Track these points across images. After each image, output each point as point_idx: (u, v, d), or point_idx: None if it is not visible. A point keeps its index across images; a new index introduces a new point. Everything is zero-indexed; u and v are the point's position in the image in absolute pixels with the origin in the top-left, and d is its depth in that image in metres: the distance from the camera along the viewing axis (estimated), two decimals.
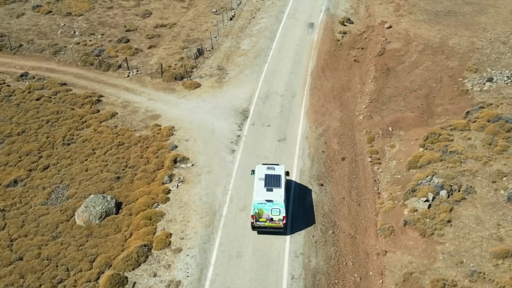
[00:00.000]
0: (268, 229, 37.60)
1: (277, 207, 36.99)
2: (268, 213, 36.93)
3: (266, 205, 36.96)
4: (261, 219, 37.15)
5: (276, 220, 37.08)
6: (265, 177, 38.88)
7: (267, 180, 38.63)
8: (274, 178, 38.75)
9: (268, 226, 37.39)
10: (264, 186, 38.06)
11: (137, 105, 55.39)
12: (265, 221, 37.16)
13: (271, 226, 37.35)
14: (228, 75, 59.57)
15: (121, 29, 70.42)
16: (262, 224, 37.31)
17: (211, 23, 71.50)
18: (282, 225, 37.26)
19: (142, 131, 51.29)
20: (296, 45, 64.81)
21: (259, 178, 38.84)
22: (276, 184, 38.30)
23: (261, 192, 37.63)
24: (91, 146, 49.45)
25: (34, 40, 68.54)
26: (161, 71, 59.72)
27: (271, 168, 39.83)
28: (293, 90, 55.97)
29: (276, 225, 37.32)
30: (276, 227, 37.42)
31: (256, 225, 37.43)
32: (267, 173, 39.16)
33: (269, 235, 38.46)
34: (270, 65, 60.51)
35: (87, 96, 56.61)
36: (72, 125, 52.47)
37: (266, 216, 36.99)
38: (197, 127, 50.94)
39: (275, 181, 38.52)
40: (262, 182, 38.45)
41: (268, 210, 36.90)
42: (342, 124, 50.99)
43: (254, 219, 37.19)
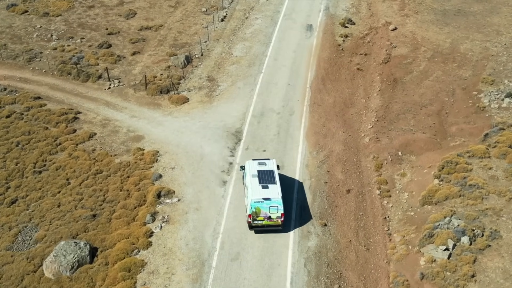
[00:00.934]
0: (266, 227, 36.53)
1: (275, 205, 35.81)
2: (266, 212, 35.85)
3: (263, 203, 35.72)
4: (259, 218, 35.99)
5: (274, 218, 36.10)
6: (258, 173, 37.62)
7: (260, 176, 37.43)
8: (268, 174, 37.65)
9: (266, 225, 36.41)
10: (259, 184, 36.77)
11: (118, 123, 49.83)
12: (263, 219, 36.12)
13: (269, 224, 36.37)
14: (219, 87, 53.97)
15: (103, 32, 64.54)
16: (259, 223, 36.22)
17: (201, 25, 65.69)
18: (280, 223, 36.34)
19: (123, 156, 45.81)
20: (293, 51, 59.17)
21: (252, 175, 37.49)
22: (271, 181, 37.14)
23: (257, 190, 36.33)
24: (65, 175, 43.98)
25: (7, 44, 62.67)
26: (145, 83, 54.06)
27: (263, 163, 38.67)
28: (291, 106, 50.48)
29: (274, 223, 36.35)
30: (274, 225, 36.42)
31: (254, 224, 36.26)
32: (260, 169, 37.93)
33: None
34: (265, 76, 54.93)
35: (63, 113, 50.98)
36: (44, 148, 46.93)
37: (264, 215, 35.92)
38: (184, 152, 45.49)
39: (269, 177, 37.40)
40: (256, 180, 37.12)
41: (265, 209, 35.78)
42: (346, 148, 45.64)
43: (252, 218, 36.02)
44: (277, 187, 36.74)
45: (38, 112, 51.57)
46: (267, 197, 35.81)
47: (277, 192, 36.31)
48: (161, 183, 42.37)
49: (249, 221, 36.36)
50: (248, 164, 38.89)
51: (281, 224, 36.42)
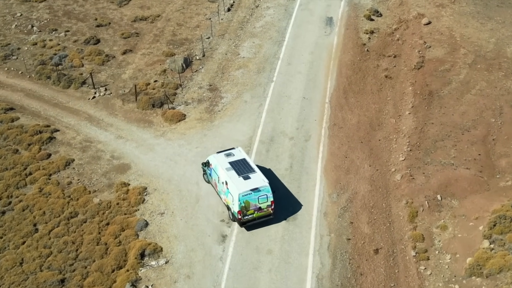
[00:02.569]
0: (257, 219, 34.14)
1: (263, 194, 33.74)
2: (256, 203, 33.65)
3: (251, 195, 33.48)
4: (249, 212, 33.74)
5: (264, 208, 33.97)
6: (232, 165, 35.11)
7: (236, 168, 34.97)
8: (242, 164, 35.32)
9: (256, 217, 34.13)
10: (238, 176, 34.28)
11: (101, 146, 41.84)
12: (253, 212, 33.89)
13: (260, 215, 34.16)
14: (222, 100, 45.62)
15: (91, 23, 56.01)
16: (250, 217, 33.92)
17: (204, 16, 56.89)
18: (271, 211, 34.31)
19: (103, 192, 38.00)
20: (310, 53, 50.44)
21: (226, 169, 34.82)
22: (249, 170, 34.87)
23: (239, 183, 33.77)
24: (32, 218, 36.37)
25: None
26: (135, 95, 45.74)
27: (230, 154, 36.28)
28: (307, 128, 42.19)
29: (265, 213, 34.23)
30: (265, 215, 34.29)
31: (245, 219, 33.81)
32: (231, 161, 35.43)
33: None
34: (276, 86, 46.45)
35: (37, 131, 43.06)
36: (11, 180, 39.21)
37: (254, 207, 33.70)
38: (177, 190, 37.60)
39: (245, 167, 35.13)
40: (233, 172, 34.52)
41: (255, 200, 33.61)
42: (373, 188, 37.50)
43: (242, 214, 33.55)
44: (258, 174, 34.49)
45: (9, 129, 43.66)
46: (254, 187, 33.44)
47: (261, 179, 34.08)
48: (147, 235, 34.60)
49: (239, 217, 33.58)
50: (214, 158, 35.94)
51: (272, 212, 34.30)
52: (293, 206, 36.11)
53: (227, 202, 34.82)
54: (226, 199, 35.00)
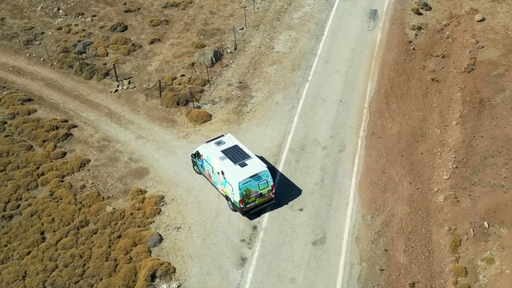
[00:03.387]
0: (259, 206, 33.05)
1: (263, 179, 32.66)
2: (256, 190, 32.53)
3: (251, 182, 32.31)
4: (251, 199, 32.57)
5: (265, 194, 32.89)
6: (225, 153, 33.78)
7: (230, 156, 33.62)
8: (235, 151, 34.03)
9: (258, 204, 33.00)
10: (234, 164, 32.98)
11: (120, 146, 38.99)
12: (255, 199, 32.73)
13: (262, 202, 33.06)
14: (252, 99, 42.20)
15: (119, 8, 52.96)
16: (252, 204, 32.73)
17: (239, 3, 53.24)
18: (272, 196, 33.28)
19: (118, 200, 35.20)
20: (351, 50, 46.46)
21: (219, 158, 33.44)
22: (243, 156, 33.61)
23: (237, 171, 32.56)
24: (40, 225, 33.84)
25: (5, 19, 51.96)
26: (160, 90, 42.61)
27: (220, 142, 34.88)
28: (342, 137, 38.50)
29: (266, 199, 33.14)
30: (267, 200, 33.24)
31: (247, 208, 32.60)
32: (223, 149, 34.17)
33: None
34: (311, 87, 42.76)
35: (54, 127, 40.43)
36: (22, 180, 36.70)
37: (255, 194, 32.57)
38: (196, 202, 34.54)
39: (239, 154, 33.84)
40: (228, 161, 33.20)
41: (255, 187, 32.48)
42: (413, 210, 33.78)
43: (244, 203, 32.32)
44: (254, 159, 33.34)
45: (24, 122, 41.11)
46: (253, 174, 32.25)
47: (259, 164, 32.97)
48: (160, 253, 31.68)
49: (241, 207, 32.32)
50: (205, 148, 34.51)
51: (274, 197, 33.30)
52: (322, 227, 32.56)
53: (226, 192, 33.40)
54: (224, 189, 33.51)
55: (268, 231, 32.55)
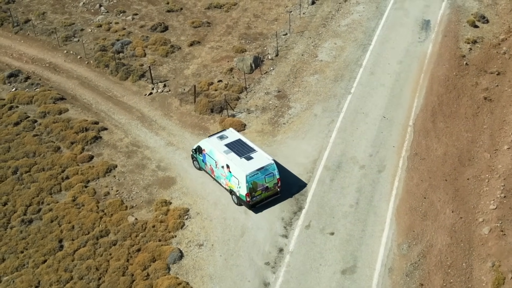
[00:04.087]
0: (264, 200, 32.70)
1: (270, 172, 32.32)
2: (263, 183, 32.19)
3: (258, 175, 31.96)
4: (257, 193, 32.26)
5: (271, 187, 32.61)
6: (229, 147, 33.40)
7: (234, 150, 33.23)
8: (239, 145, 33.68)
9: (264, 197, 32.68)
10: (240, 158, 32.56)
11: (149, 153, 37.47)
12: (261, 193, 32.43)
13: (268, 195, 32.76)
14: (289, 110, 40.10)
15: (162, 8, 51.56)
16: (258, 198, 32.44)
17: (285, 8, 51.15)
18: (278, 189, 32.99)
19: (141, 210, 33.64)
20: (398, 62, 43.83)
21: (224, 152, 33.06)
22: (248, 150, 33.24)
23: (243, 165, 32.13)
24: (59, 232, 32.58)
25: (46, 14, 51.21)
26: (194, 96, 40.92)
27: (223, 137, 34.43)
28: (382, 156, 36.00)
29: (272, 192, 32.88)
30: (272, 194, 32.95)
31: (253, 201, 32.27)
32: (227, 143, 33.74)
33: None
34: (354, 99, 40.38)
35: (83, 129, 39.27)
36: (46, 183, 35.55)
37: (261, 187, 32.25)
38: (221, 218, 32.68)
39: (244, 148, 33.45)
40: (232, 154, 32.83)
41: (261, 180, 32.13)
42: (454, 242, 31.10)
43: (250, 196, 31.96)
44: (260, 152, 33.05)
45: (54, 122, 40.05)
46: (260, 166, 31.91)
47: (265, 157, 32.65)
48: (179, 271, 29.97)
49: (248, 200, 31.94)
50: (207, 142, 34.00)
51: (279, 190, 32.96)
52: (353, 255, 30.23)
53: (230, 186, 32.96)
54: (228, 184, 33.12)
55: (295, 255, 30.43)
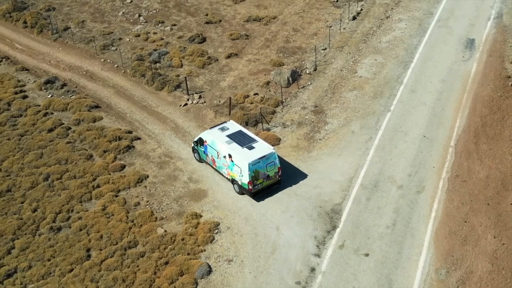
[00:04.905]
0: (266, 189, 33.57)
1: (271, 161, 33.17)
2: (264, 172, 33.04)
3: (260, 163, 32.80)
4: (258, 181, 33.07)
5: (272, 176, 33.40)
6: (231, 138, 34.27)
7: (236, 140, 34.06)
8: (241, 135, 34.53)
9: (265, 186, 33.50)
10: (242, 147, 33.39)
11: (181, 164, 36.82)
12: (262, 181, 33.24)
13: (269, 184, 33.58)
14: (326, 126, 39.09)
15: (200, 19, 51.23)
16: (260, 186, 33.25)
17: (325, 22, 50.30)
18: (278, 178, 33.78)
19: (171, 222, 32.93)
20: (441, 80, 42.52)
21: (226, 142, 33.89)
22: (250, 140, 34.11)
23: (245, 154, 33.01)
24: (87, 241, 31.98)
25: (85, 22, 51.29)
26: (229, 108, 40.23)
27: (224, 128, 35.33)
28: (421, 177, 34.66)
29: (273, 181, 33.67)
30: (273, 183, 33.74)
31: (255, 189, 33.04)
32: (228, 134, 34.59)
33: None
34: (393, 117, 39.17)
35: (117, 137, 38.85)
36: (76, 191, 35.11)
37: (263, 176, 33.09)
38: (252, 233, 31.75)
39: (245, 138, 34.31)
40: (235, 144, 33.67)
41: (263, 168, 32.98)
42: (495, 269, 29.58)
43: (252, 184, 32.75)
44: (261, 142, 33.95)
45: (88, 130, 39.74)
46: (262, 155, 32.72)
47: (266, 147, 33.52)
48: (207, 286, 29.16)
49: (250, 188, 32.78)
50: (209, 134, 34.89)
51: (280, 179, 33.76)
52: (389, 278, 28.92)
53: (232, 176, 33.75)
54: (230, 173, 33.90)
55: (327, 275, 29.25)
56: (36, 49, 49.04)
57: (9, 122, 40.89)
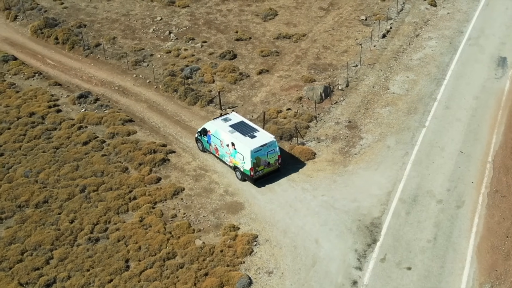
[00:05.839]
0: (266, 175, 35.58)
1: (272, 149, 35.19)
2: (265, 159, 35.04)
3: (261, 151, 34.81)
4: (260, 168, 35.08)
5: (272, 163, 35.44)
6: (234, 127, 36.30)
7: (238, 130, 36.02)
8: (243, 126, 36.59)
9: (266, 173, 35.52)
10: (244, 136, 35.42)
11: (216, 177, 36.78)
12: (263, 168, 35.28)
13: (269, 171, 35.60)
14: (360, 141, 38.97)
15: (230, 36, 51.51)
16: (261, 173, 35.28)
17: (355, 40, 50.41)
18: (278, 166, 35.80)
19: (208, 234, 32.78)
20: (475, 97, 42.43)
21: (229, 131, 35.91)
22: (251, 130, 36.13)
23: (248, 142, 35.01)
24: (125, 252, 31.87)
25: (116, 38, 51.72)
26: (263, 122, 40.25)
27: (227, 119, 37.40)
28: (460, 191, 34.41)
29: (273, 168, 35.69)
30: (273, 170, 35.76)
31: (256, 176, 35.08)
32: (231, 124, 36.69)
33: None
34: (428, 133, 39.03)
35: (152, 150, 38.91)
36: (113, 203, 35.08)
37: (264, 163, 35.12)
38: (291, 246, 31.51)
39: (247, 128, 36.38)
40: (237, 133, 35.69)
41: (264, 156, 34.99)
42: None
43: (254, 171, 34.80)
44: (262, 131, 36.05)
45: (123, 143, 39.84)
46: (263, 143, 34.73)
47: (267, 136, 35.50)
48: None
49: (252, 174, 34.79)
50: (212, 124, 36.97)
51: (279, 167, 35.77)
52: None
53: (235, 163, 35.66)
54: (232, 160, 35.83)
55: None
56: (67, 65, 49.42)
57: (44, 135, 41.03)
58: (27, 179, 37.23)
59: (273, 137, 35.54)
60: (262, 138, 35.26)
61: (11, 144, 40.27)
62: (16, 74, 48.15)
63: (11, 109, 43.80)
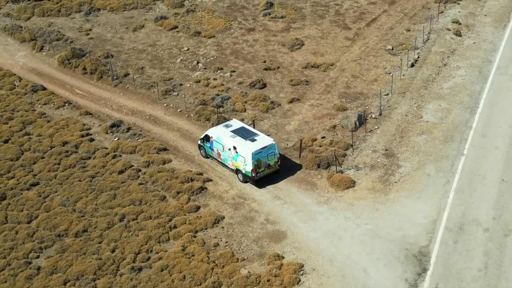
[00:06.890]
0: (267, 176, 37.31)
1: (272, 151, 36.97)
2: (265, 161, 36.67)
3: (262, 153, 36.48)
4: (260, 170, 36.73)
5: (272, 165, 37.15)
6: (235, 133, 38.11)
7: (239, 134, 37.83)
8: (244, 131, 38.39)
9: (267, 174, 37.22)
10: (245, 140, 37.18)
11: (256, 205, 36.43)
12: (263, 170, 36.94)
13: (269, 172, 37.27)
14: (399, 169, 38.69)
15: (259, 66, 51.59)
16: (261, 174, 36.94)
17: (383, 69, 50.50)
18: (278, 167, 37.60)
19: (253, 263, 32.33)
20: (510, 126, 42.26)
21: (231, 136, 37.75)
22: (252, 134, 37.99)
23: (249, 145, 36.81)
24: (170, 282, 31.46)
25: (144, 68, 51.78)
26: (300, 151, 40.04)
27: (228, 125, 39.29)
28: (507, 220, 34.08)
29: (273, 170, 37.42)
30: (274, 171, 37.47)
31: (257, 177, 36.71)
32: (232, 130, 38.45)
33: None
34: (468, 161, 38.77)
35: (189, 179, 38.63)
36: (154, 232, 34.67)
37: (264, 165, 36.76)
38: (339, 275, 31.00)
39: (248, 133, 38.14)
40: (239, 138, 37.52)
41: (264, 158, 36.63)
42: None
43: (255, 172, 36.46)
44: (263, 135, 37.92)
45: (159, 171, 39.57)
46: (264, 146, 36.51)
47: (267, 139, 37.41)
48: None
49: (253, 175, 36.53)
50: (214, 130, 38.99)
51: (279, 168, 37.59)
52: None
53: (237, 166, 37.51)
54: (234, 163, 37.65)
55: None
56: (96, 94, 49.41)
57: (79, 164, 40.78)
58: (64, 208, 36.89)
59: (273, 140, 37.56)
60: (262, 141, 37.12)
61: (46, 173, 39.94)
62: (46, 103, 48.03)
63: (44, 138, 43.57)
